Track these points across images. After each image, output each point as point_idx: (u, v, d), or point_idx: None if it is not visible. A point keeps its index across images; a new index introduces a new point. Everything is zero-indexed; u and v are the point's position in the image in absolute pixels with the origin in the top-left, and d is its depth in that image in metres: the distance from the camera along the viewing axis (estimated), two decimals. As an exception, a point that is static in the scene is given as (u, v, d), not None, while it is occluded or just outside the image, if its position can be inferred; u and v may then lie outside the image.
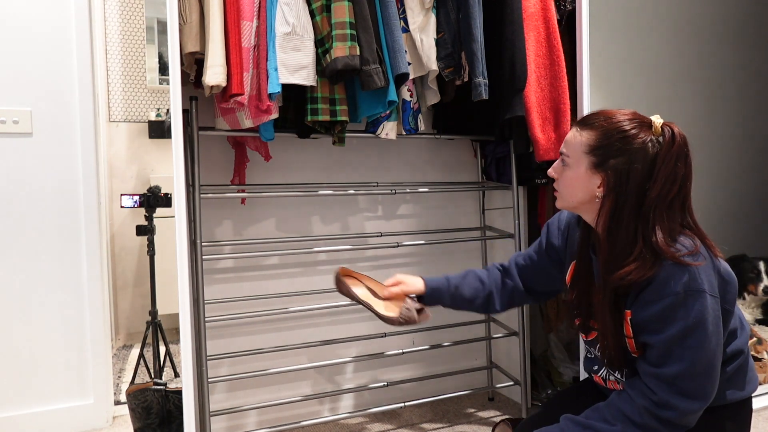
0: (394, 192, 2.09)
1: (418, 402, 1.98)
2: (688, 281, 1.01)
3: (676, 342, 1.02)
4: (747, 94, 2.94)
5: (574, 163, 1.11)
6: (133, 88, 3.27)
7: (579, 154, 1.11)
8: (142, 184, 3.24)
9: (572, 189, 1.12)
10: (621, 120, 1.08)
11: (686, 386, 1.01)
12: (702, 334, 1.01)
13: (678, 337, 1.01)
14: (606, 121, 1.09)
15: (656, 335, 1.03)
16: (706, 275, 1.03)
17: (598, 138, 1.09)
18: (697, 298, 1.01)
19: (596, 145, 1.09)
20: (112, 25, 3.21)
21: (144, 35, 3.26)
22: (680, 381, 1.01)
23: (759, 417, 1.91)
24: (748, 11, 2.92)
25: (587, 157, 1.10)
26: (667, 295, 1.01)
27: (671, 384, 1.02)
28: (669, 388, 1.02)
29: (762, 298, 2.44)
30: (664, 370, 1.02)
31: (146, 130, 3.27)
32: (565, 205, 1.16)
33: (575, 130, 1.13)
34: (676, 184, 1.06)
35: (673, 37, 2.68)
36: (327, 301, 1.97)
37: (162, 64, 3.29)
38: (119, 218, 3.19)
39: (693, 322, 1.01)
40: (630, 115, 1.10)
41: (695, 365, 1.01)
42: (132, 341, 3.15)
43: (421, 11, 1.69)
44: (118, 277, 3.19)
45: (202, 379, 1.64)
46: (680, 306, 1.01)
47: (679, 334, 1.01)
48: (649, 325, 1.05)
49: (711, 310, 1.02)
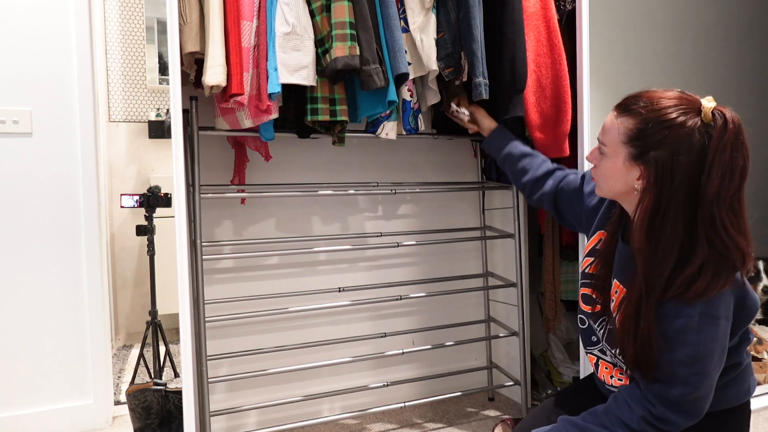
0: (394, 192, 2.09)
1: (418, 402, 1.98)
2: (705, 305, 0.95)
3: (684, 365, 0.99)
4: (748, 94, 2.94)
5: (611, 153, 1.03)
6: (133, 88, 3.27)
7: (616, 144, 1.01)
8: (142, 184, 3.24)
9: (609, 179, 1.05)
10: (665, 105, 0.97)
11: (687, 407, 1.01)
12: (710, 361, 0.98)
13: (686, 363, 0.98)
14: (647, 106, 0.98)
15: (664, 353, 1.00)
16: (725, 298, 0.98)
17: (637, 126, 0.98)
18: (711, 324, 0.96)
19: (635, 135, 0.98)
20: (112, 25, 3.21)
21: (144, 35, 3.26)
22: (683, 403, 1.01)
23: (759, 417, 1.91)
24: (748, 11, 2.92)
25: (625, 148, 1.00)
26: (681, 315, 0.97)
27: (673, 403, 1.01)
28: (670, 406, 1.01)
29: (762, 298, 2.44)
30: (668, 390, 1.01)
31: (146, 130, 3.27)
32: (604, 194, 1.10)
33: (613, 115, 1.03)
34: (735, 178, 0.94)
35: (673, 36, 2.68)
36: (327, 301, 1.97)
37: (162, 64, 3.29)
38: (119, 218, 3.19)
39: (704, 350, 0.97)
40: (676, 98, 0.98)
41: (698, 389, 1.00)
42: (132, 341, 3.15)
43: (421, 11, 1.69)
44: (118, 277, 3.19)
45: (202, 379, 1.64)
46: (693, 330, 0.96)
47: (688, 359, 0.98)
48: (657, 340, 1.02)
49: (722, 336, 0.98)
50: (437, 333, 2.15)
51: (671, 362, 0.99)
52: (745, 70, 2.91)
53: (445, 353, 2.21)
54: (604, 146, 1.05)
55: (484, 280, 2.21)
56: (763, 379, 2.09)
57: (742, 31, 2.88)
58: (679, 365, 0.99)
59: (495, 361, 2.24)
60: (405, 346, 2.06)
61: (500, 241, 2.22)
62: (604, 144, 1.06)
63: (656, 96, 0.99)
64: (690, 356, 0.97)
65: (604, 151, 1.05)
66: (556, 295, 2.08)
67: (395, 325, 2.12)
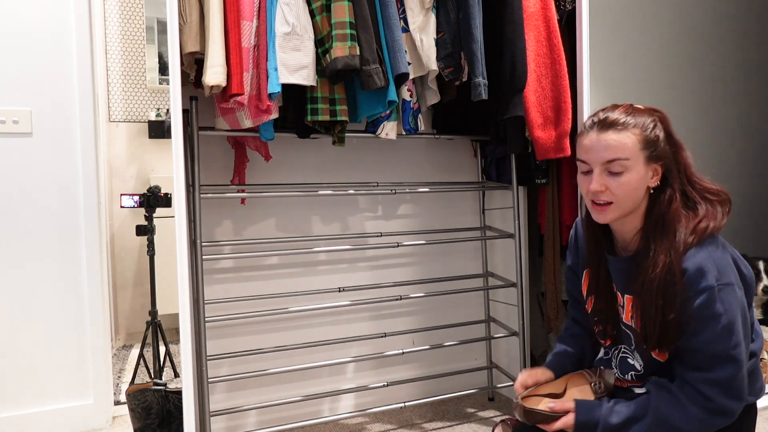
0: (394, 192, 2.09)
1: (418, 402, 1.98)
2: (718, 274, 1.01)
3: (720, 340, 1.00)
4: (747, 94, 2.94)
5: (632, 164, 1.07)
6: (133, 88, 3.27)
7: (636, 153, 1.07)
8: (142, 184, 3.24)
9: (634, 191, 1.09)
10: (639, 111, 1.12)
11: (738, 386, 1.02)
12: (738, 330, 1.01)
13: (722, 337, 1.00)
14: (630, 117, 1.10)
15: (698, 336, 1.02)
16: (730, 266, 1.04)
17: (641, 133, 1.08)
18: (728, 290, 1.01)
19: (645, 139, 1.08)
20: (112, 25, 3.21)
21: (144, 35, 3.26)
22: (734, 383, 1.01)
23: (759, 417, 1.91)
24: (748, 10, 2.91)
25: (642, 153, 1.08)
26: (700, 290, 1.01)
27: (726, 387, 1.01)
28: (726, 392, 1.01)
29: (762, 298, 2.44)
30: (717, 374, 1.01)
31: (146, 130, 3.27)
32: (622, 212, 1.11)
33: (613, 133, 1.08)
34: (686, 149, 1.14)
35: (673, 36, 2.68)
36: (327, 301, 1.97)
37: (162, 64, 3.29)
38: (119, 218, 3.19)
39: (731, 317, 1.00)
40: (635, 107, 1.14)
41: (741, 363, 1.01)
42: (132, 341, 3.15)
43: (421, 11, 1.69)
44: (118, 277, 3.19)
45: (202, 379, 1.64)
46: (716, 300, 1.00)
47: (722, 333, 1.00)
48: (686, 326, 1.03)
49: (741, 301, 1.03)
50: (437, 333, 2.15)
51: (707, 342, 1.01)
52: (745, 70, 2.91)
53: (445, 353, 2.21)
54: (626, 160, 1.08)
55: (484, 280, 2.21)
56: (764, 379, 2.08)
57: (742, 31, 2.88)
58: (716, 342, 1.01)
59: (495, 361, 2.24)
60: (405, 346, 2.06)
61: (500, 241, 2.22)
62: (625, 158, 1.08)
63: (622, 108, 1.13)
64: (722, 328, 1.00)
65: (626, 165, 1.08)
66: (557, 295, 2.08)
67: (395, 325, 2.12)
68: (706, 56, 2.77)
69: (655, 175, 1.10)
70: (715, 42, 2.80)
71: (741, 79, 2.90)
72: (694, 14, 2.72)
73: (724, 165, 2.86)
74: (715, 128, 2.83)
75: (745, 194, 2.93)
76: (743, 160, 2.92)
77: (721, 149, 2.85)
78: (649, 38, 2.57)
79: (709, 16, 2.77)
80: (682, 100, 2.71)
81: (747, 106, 2.92)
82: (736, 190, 3.28)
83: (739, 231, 2.92)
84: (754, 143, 2.96)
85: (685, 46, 2.69)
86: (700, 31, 2.73)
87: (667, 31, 2.63)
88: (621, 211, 1.10)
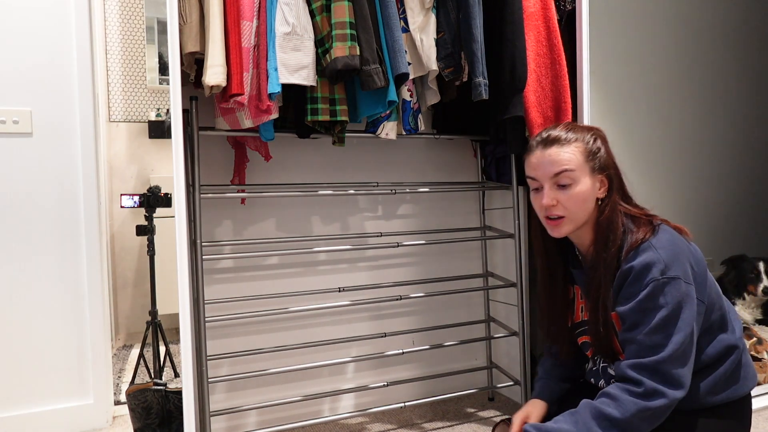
0: (394, 192, 2.09)
1: (418, 402, 1.98)
2: (665, 268, 1.05)
3: (657, 332, 1.04)
4: (747, 95, 2.94)
5: (579, 176, 1.13)
6: (133, 88, 3.27)
7: (582, 164, 1.13)
8: (142, 184, 3.25)
9: (584, 203, 1.14)
10: (579, 127, 1.17)
11: (666, 371, 1.03)
12: (680, 321, 1.04)
13: (659, 327, 1.04)
14: (571, 132, 1.15)
15: (637, 327, 1.06)
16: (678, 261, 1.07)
17: (584, 146, 1.14)
18: (674, 284, 1.04)
19: (588, 151, 1.14)
20: (112, 25, 3.21)
21: (144, 35, 3.26)
22: (661, 365, 1.03)
23: (759, 417, 1.91)
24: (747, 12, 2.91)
25: (587, 164, 1.14)
26: (647, 284, 1.05)
27: (654, 371, 1.03)
28: (653, 376, 1.03)
29: (762, 298, 2.44)
30: (644, 360, 1.04)
31: (146, 130, 3.27)
32: (575, 225, 1.15)
33: (557, 148, 1.14)
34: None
35: (673, 37, 2.68)
36: (327, 301, 1.97)
37: (162, 64, 3.29)
38: (119, 218, 3.19)
39: (673, 310, 1.04)
40: (573, 123, 1.21)
41: (674, 353, 1.03)
42: (132, 341, 3.15)
43: (421, 11, 1.69)
44: (118, 277, 3.19)
45: (202, 379, 1.64)
46: (659, 294, 1.04)
47: (661, 323, 1.04)
48: (630, 318, 1.07)
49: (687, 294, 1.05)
50: (437, 333, 2.15)
51: (644, 333, 1.05)
52: (745, 70, 2.91)
53: (445, 353, 2.21)
54: (572, 171, 1.13)
55: (484, 280, 2.21)
56: (763, 379, 2.09)
57: (742, 31, 2.88)
58: (653, 333, 1.04)
59: (495, 361, 2.24)
60: (405, 346, 2.07)
61: (500, 241, 2.22)
62: (571, 170, 1.13)
63: (566, 125, 1.18)
64: (662, 319, 1.04)
65: (573, 177, 1.13)
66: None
67: (395, 325, 2.12)
68: (705, 56, 2.77)
69: (602, 186, 1.16)
70: (715, 42, 2.80)
71: (741, 79, 2.90)
72: (694, 14, 2.72)
73: (723, 165, 2.86)
74: (714, 128, 2.83)
75: (744, 194, 2.93)
76: (743, 160, 2.93)
77: (720, 149, 2.85)
78: (649, 38, 2.57)
79: (709, 17, 2.77)
80: (682, 100, 2.71)
81: (747, 106, 2.92)
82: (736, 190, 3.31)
83: (739, 231, 2.92)
84: (753, 143, 2.96)
85: (685, 46, 2.69)
86: (700, 32, 2.74)
87: (667, 31, 2.63)
88: (574, 224, 1.15)
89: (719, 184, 2.85)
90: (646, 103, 2.60)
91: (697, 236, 3.10)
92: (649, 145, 2.61)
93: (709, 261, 2.92)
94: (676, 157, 2.72)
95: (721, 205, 2.86)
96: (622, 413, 1.02)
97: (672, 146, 2.70)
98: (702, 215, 2.80)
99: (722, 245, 2.83)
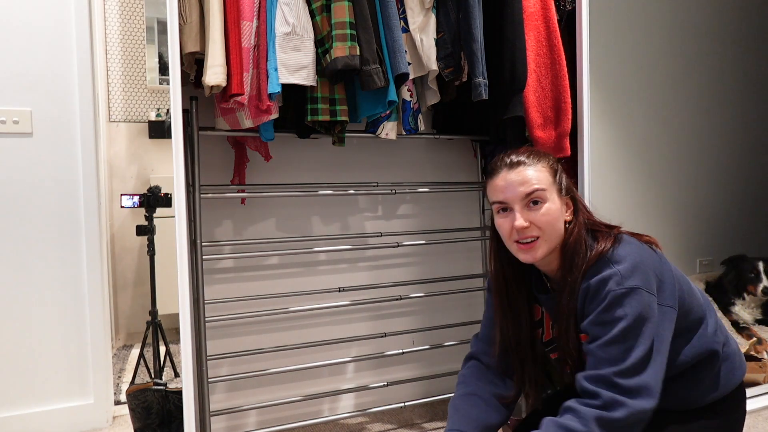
0: (394, 192, 2.09)
1: (418, 402, 1.98)
2: (621, 279, 1.03)
3: (616, 344, 1.01)
4: (746, 94, 2.94)
5: (548, 195, 1.11)
6: (133, 88, 3.27)
7: (550, 183, 1.12)
8: (142, 184, 3.25)
9: (556, 221, 1.11)
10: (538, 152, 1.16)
11: (622, 384, 0.99)
12: (642, 332, 1.01)
13: (617, 339, 1.01)
14: (533, 156, 1.14)
15: (596, 340, 1.03)
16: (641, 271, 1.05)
17: (547, 167, 1.13)
18: (633, 295, 1.02)
19: (552, 171, 1.13)
20: (112, 25, 3.21)
21: (144, 35, 3.26)
22: (616, 377, 0.99)
23: (759, 417, 1.91)
24: (747, 11, 2.92)
25: (555, 185, 1.12)
26: (604, 297, 1.03)
27: (611, 384, 1.00)
28: (610, 387, 1.00)
29: (762, 299, 2.44)
30: (600, 371, 1.01)
31: (146, 130, 3.27)
32: (549, 246, 1.12)
33: (524, 168, 1.11)
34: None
35: (673, 37, 2.68)
36: (327, 301, 1.97)
37: (162, 64, 3.29)
38: (119, 218, 3.19)
39: (633, 320, 1.00)
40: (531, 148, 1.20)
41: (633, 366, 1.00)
42: (132, 341, 3.15)
43: (421, 11, 1.69)
44: (118, 277, 3.19)
45: (202, 379, 1.64)
46: (617, 305, 1.02)
47: (620, 335, 1.01)
48: (591, 332, 1.05)
49: (648, 305, 1.02)
50: (437, 333, 2.15)
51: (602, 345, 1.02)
52: (745, 70, 2.91)
53: (445, 353, 2.21)
54: (543, 191, 1.10)
55: (484, 280, 2.21)
56: (762, 379, 2.09)
57: (741, 31, 2.88)
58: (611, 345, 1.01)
59: (495, 361, 2.24)
60: (405, 346, 2.07)
61: (500, 241, 2.21)
62: (541, 189, 1.10)
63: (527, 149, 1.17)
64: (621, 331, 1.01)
65: (543, 196, 1.10)
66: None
67: (395, 325, 2.12)
68: (705, 56, 2.77)
69: (567, 209, 1.14)
70: (715, 42, 2.80)
71: (740, 79, 2.90)
72: (694, 14, 2.72)
73: (723, 165, 2.86)
74: (714, 128, 2.83)
75: (744, 194, 2.93)
76: (743, 160, 2.93)
77: (720, 149, 2.85)
78: (649, 38, 2.57)
79: (709, 17, 2.77)
80: (682, 100, 2.71)
81: (746, 106, 2.92)
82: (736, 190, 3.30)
83: (739, 231, 2.92)
84: (753, 143, 2.96)
85: (685, 46, 2.69)
86: (699, 31, 2.74)
87: (667, 31, 2.63)
88: (549, 245, 1.11)
89: (719, 184, 2.85)
90: (646, 103, 2.60)
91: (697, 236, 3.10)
92: (648, 145, 2.61)
93: (709, 261, 2.92)
94: (676, 157, 2.72)
95: (721, 205, 2.86)
96: (583, 425, 0.98)
97: (671, 146, 2.70)
98: (702, 215, 2.80)
99: (722, 245, 2.83)
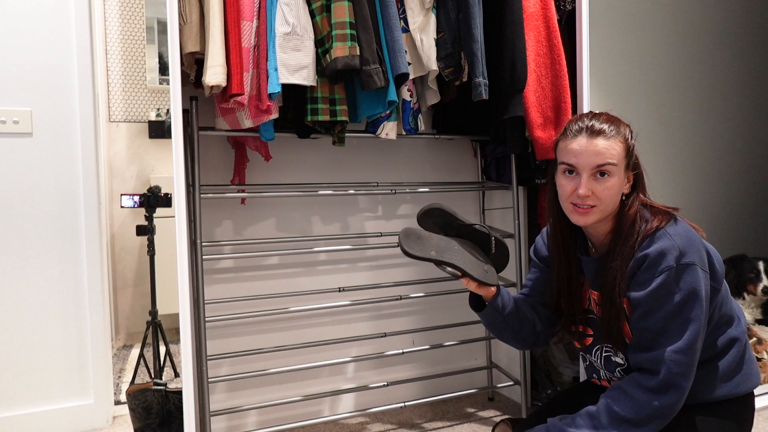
0: (394, 192, 2.09)
1: (418, 402, 1.98)
2: (680, 255, 1.06)
3: (672, 319, 1.05)
4: (747, 94, 2.94)
5: (617, 170, 1.13)
6: (133, 88, 3.27)
7: (621, 159, 1.14)
8: (142, 184, 3.24)
9: (616, 196, 1.15)
10: (618, 121, 1.17)
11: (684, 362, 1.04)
12: (695, 308, 1.05)
13: (674, 314, 1.05)
14: (614, 126, 1.15)
15: (652, 314, 1.07)
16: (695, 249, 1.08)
17: (624, 141, 1.14)
18: (690, 271, 1.05)
19: (626, 149, 1.15)
20: (112, 25, 3.21)
21: (144, 35, 3.26)
22: (678, 356, 1.03)
23: (759, 417, 1.91)
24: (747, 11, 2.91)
25: (625, 161, 1.14)
26: (663, 271, 1.05)
27: (673, 362, 1.04)
28: (670, 368, 1.04)
29: (762, 298, 2.44)
30: (659, 352, 1.05)
31: (146, 130, 3.27)
32: (602, 216, 1.15)
33: (603, 140, 1.13)
34: None
35: (673, 36, 2.68)
36: (327, 301, 1.97)
37: (162, 64, 3.29)
38: (119, 218, 3.19)
39: (688, 296, 1.04)
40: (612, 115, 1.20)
41: (691, 343, 1.04)
42: (132, 341, 3.15)
43: (421, 11, 1.69)
44: (118, 277, 3.19)
45: (202, 379, 1.64)
46: (674, 280, 1.05)
47: (676, 310, 1.05)
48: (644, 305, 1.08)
49: (703, 281, 1.06)
50: (437, 333, 2.15)
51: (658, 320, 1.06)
52: (745, 70, 2.91)
53: (445, 353, 2.21)
54: (614, 166, 1.13)
55: (484, 280, 2.21)
56: (763, 378, 2.09)
57: (742, 31, 2.88)
58: (668, 319, 1.06)
59: (495, 361, 2.24)
60: (405, 346, 2.07)
61: (500, 241, 2.21)
62: (613, 164, 1.13)
63: (608, 117, 1.17)
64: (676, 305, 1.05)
65: (612, 171, 1.13)
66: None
67: (395, 325, 2.12)
68: (705, 56, 2.77)
69: (627, 182, 1.17)
70: (715, 42, 2.80)
71: (741, 79, 2.90)
72: (694, 14, 2.72)
73: (723, 165, 2.86)
74: (714, 128, 2.83)
75: (745, 194, 2.93)
76: (743, 160, 2.92)
77: (720, 149, 2.85)
78: (649, 38, 2.57)
79: (709, 17, 2.77)
80: (682, 100, 2.71)
81: (747, 106, 2.92)
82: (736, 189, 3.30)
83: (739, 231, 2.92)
84: (753, 143, 2.96)
85: (685, 46, 2.69)
86: (700, 32, 2.73)
87: (667, 31, 2.63)
88: (602, 214, 1.15)
89: (719, 183, 2.85)
90: (646, 103, 2.60)
91: (697, 236, 3.04)
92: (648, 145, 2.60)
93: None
94: (676, 157, 2.71)
95: (721, 205, 2.86)
96: (637, 413, 1.03)
97: (671, 146, 2.70)
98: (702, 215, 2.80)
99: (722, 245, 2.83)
